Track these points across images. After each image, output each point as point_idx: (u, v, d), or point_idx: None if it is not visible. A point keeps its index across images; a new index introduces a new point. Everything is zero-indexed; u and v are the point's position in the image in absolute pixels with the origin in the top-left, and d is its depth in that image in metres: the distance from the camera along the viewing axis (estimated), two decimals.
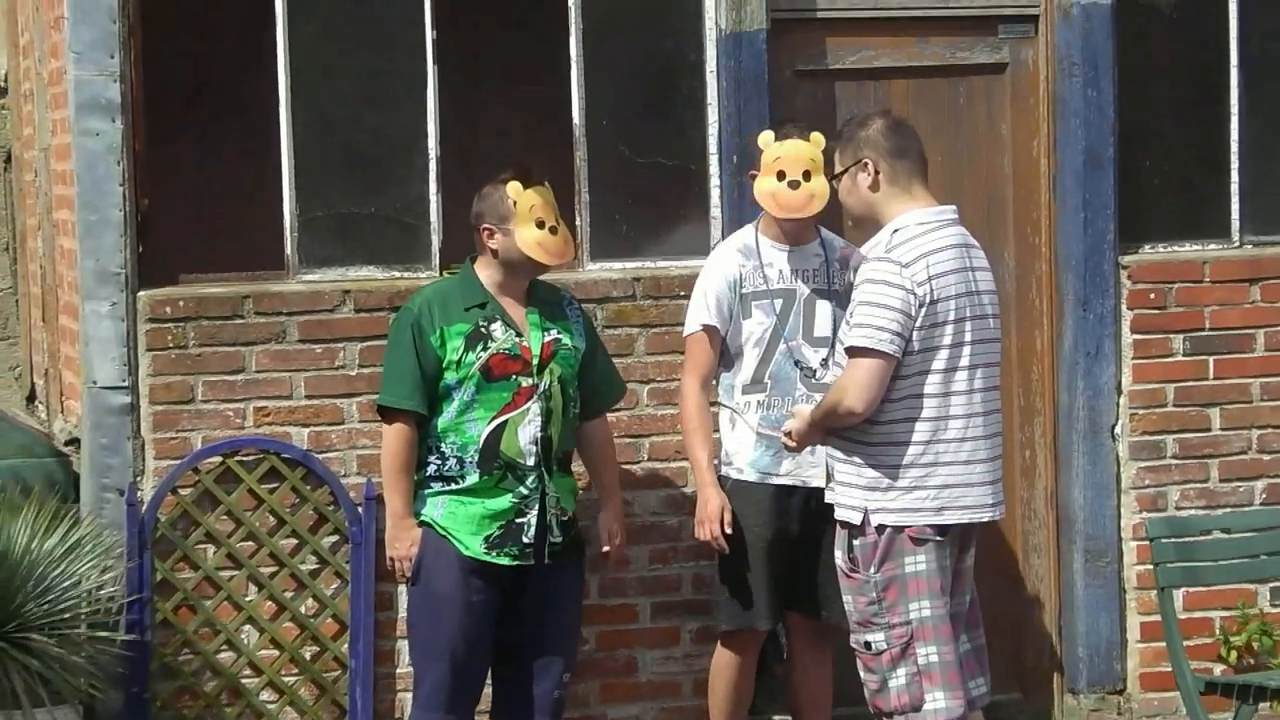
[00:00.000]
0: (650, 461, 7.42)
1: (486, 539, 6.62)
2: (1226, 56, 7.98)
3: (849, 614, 6.18)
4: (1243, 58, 7.99)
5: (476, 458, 6.61)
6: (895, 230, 6.08)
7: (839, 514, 6.16)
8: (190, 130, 7.49)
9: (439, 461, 6.65)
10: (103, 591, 6.96)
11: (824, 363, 6.93)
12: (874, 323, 5.98)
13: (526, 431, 6.62)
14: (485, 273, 6.72)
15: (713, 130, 7.53)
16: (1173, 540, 7.40)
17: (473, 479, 6.61)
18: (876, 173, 6.13)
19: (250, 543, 7.27)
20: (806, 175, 6.86)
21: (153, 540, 7.17)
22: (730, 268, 6.97)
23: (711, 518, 6.90)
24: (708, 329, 6.96)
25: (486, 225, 6.66)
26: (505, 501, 6.62)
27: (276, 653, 7.29)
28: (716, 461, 7.01)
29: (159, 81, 7.35)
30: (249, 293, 7.29)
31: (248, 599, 7.28)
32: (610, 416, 7.06)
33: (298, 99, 7.32)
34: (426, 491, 6.68)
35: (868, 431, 6.05)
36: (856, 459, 6.08)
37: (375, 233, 7.45)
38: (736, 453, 6.98)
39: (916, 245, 6.04)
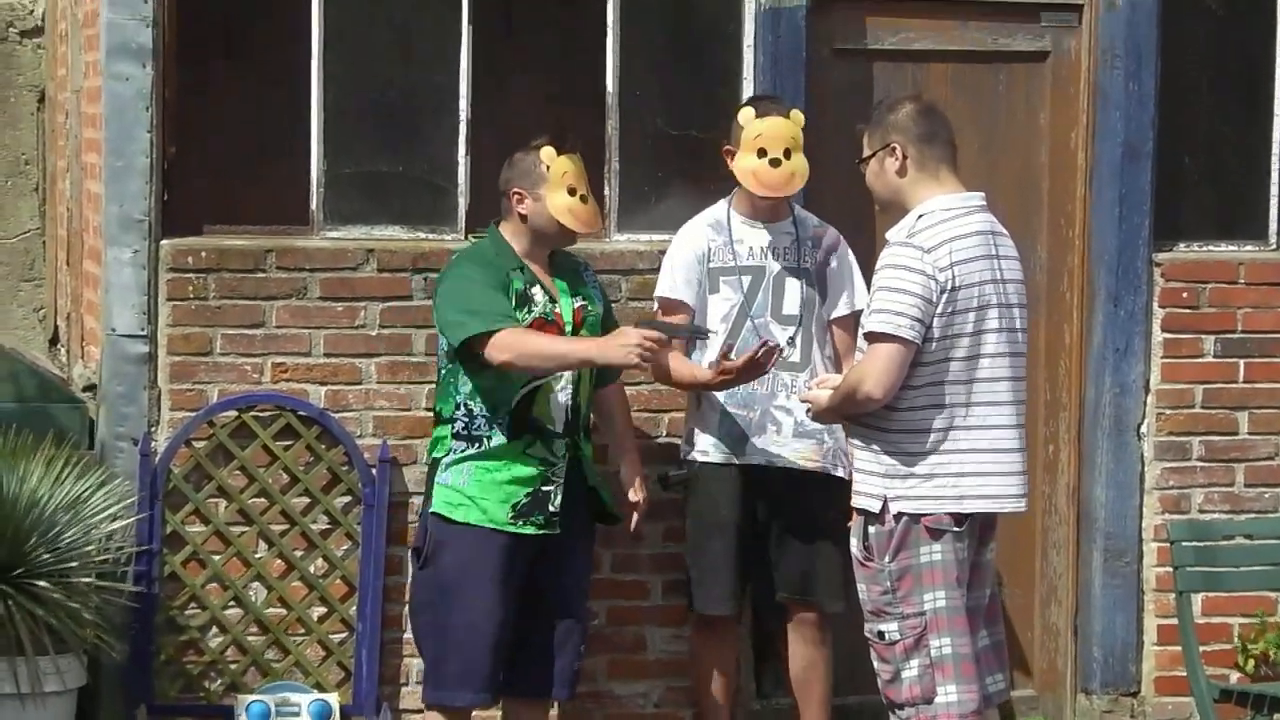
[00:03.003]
0: (669, 437, 7.35)
1: (514, 506, 6.55)
2: (1272, 56, 7.89)
3: (863, 603, 6.12)
4: None
5: (507, 420, 6.53)
6: (920, 215, 6.01)
7: (856, 501, 6.10)
8: (221, 81, 7.43)
9: (466, 419, 6.57)
10: (112, 541, 6.93)
11: (790, 341, 6.89)
12: (893, 308, 5.90)
13: (559, 398, 6.57)
14: (513, 239, 6.67)
15: None
16: (1194, 544, 7.33)
17: (499, 441, 6.53)
18: (904, 157, 6.04)
19: (262, 499, 7.23)
20: (787, 153, 6.83)
21: (164, 492, 7.14)
22: (699, 242, 6.95)
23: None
24: (675, 302, 6.90)
25: (517, 190, 6.60)
26: (532, 468, 6.56)
27: (283, 612, 7.26)
28: (679, 443, 7.05)
29: (192, 30, 7.30)
30: (272, 247, 7.24)
31: (257, 556, 7.24)
32: (629, 390, 7.03)
33: (330, 54, 7.28)
34: (449, 457, 6.58)
35: (887, 418, 5.98)
36: (875, 446, 6.01)
37: (402, 192, 7.40)
38: (701, 433, 6.92)
39: (940, 231, 5.97)
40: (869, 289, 6.07)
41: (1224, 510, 7.82)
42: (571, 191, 6.58)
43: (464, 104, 7.35)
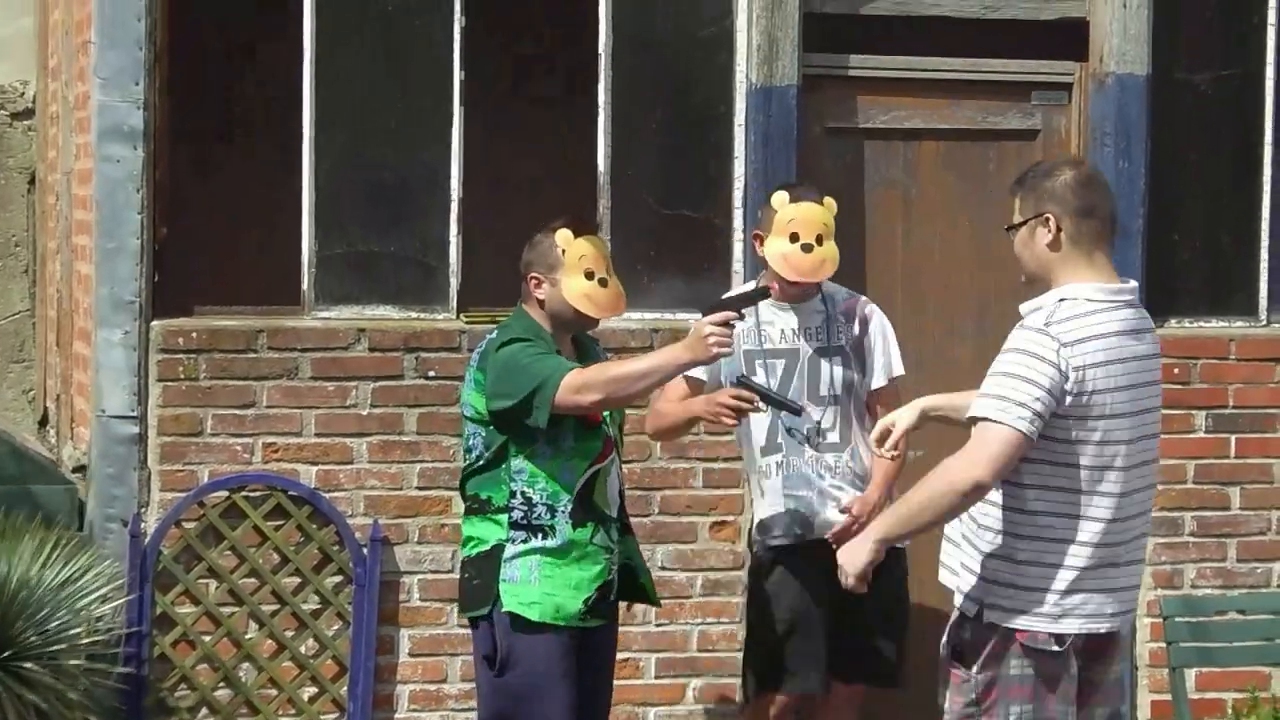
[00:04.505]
0: (661, 515, 7.35)
1: (586, 602, 6.23)
2: (1260, 133, 7.92)
3: (945, 712, 5.55)
4: (1278, 135, 7.93)
5: (570, 507, 6.17)
6: (1062, 300, 5.40)
7: (957, 600, 5.54)
8: (212, 162, 7.46)
9: (524, 507, 6.17)
10: (101, 623, 6.90)
11: (820, 424, 6.80)
12: (1015, 397, 5.27)
13: (613, 482, 6.30)
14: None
15: (739, 184, 7.47)
16: (1187, 619, 7.29)
17: (564, 530, 6.18)
18: (1059, 230, 5.43)
19: (253, 580, 7.21)
20: (819, 239, 6.71)
21: (154, 573, 7.11)
22: None
23: (719, 398, 6.49)
24: (692, 381, 6.75)
25: (534, 274, 6.24)
26: (600, 560, 6.24)
27: (274, 692, 7.22)
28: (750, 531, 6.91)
29: (183, 112, 7.32)
30: (263, 327, 7.24)
31: (247, 637, 7.21)
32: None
33: (322, 135, 7.29)
34: (510, 549, 6.18)
35: (996, 516, 5.44)
36: (980, 544, 5.47)
37: (393, 272, 7.40)
38: (772, 522, 6.84)
39: (1081, 325, 5.36)
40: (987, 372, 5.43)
41: (1217, 585, 7.81)
42: (590, 275, 6.20)
43: (455, 184, 7.36)
